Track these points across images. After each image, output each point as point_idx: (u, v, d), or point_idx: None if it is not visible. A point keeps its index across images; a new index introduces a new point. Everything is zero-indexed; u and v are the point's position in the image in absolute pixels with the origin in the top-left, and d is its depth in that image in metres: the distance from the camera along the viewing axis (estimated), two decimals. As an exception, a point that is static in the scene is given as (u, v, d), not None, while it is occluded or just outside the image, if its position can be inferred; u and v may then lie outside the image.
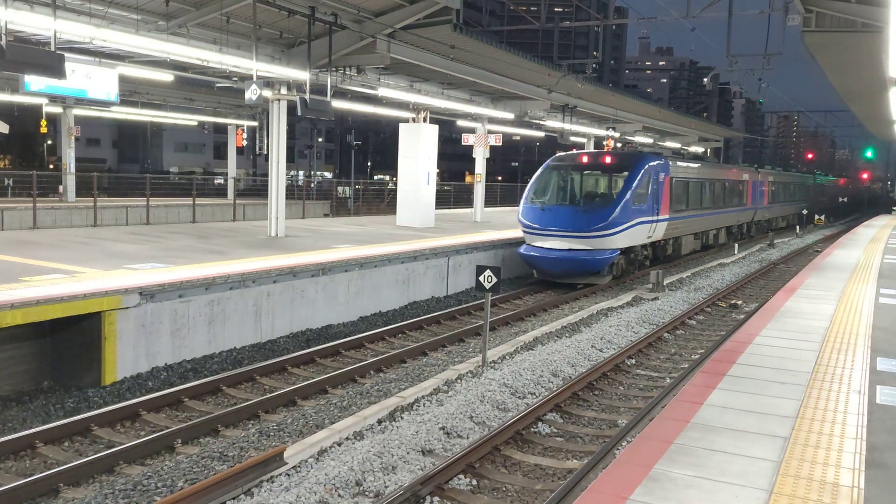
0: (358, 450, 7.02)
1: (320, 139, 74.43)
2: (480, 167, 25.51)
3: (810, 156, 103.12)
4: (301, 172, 62.36)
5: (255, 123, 30.08)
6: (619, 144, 29.59)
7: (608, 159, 19.25)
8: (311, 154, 65.10)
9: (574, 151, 22.21)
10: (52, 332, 9.71)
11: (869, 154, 56.28)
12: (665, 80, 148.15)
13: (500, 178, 72.44)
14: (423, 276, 16.11)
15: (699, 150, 46.39)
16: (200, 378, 10.06)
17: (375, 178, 68.90)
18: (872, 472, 4.71)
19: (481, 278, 10.26)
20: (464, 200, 36.85)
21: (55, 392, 9.40)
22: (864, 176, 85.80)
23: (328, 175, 68.36)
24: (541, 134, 33.22)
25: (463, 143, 25.78)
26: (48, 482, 6.62)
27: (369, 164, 76.03)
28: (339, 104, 20.51)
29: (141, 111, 28.80)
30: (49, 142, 45.67)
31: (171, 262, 12.57)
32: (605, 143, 31.77)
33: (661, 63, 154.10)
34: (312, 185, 41.17)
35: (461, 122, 25.92)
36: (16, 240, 15.10)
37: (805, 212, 43.04)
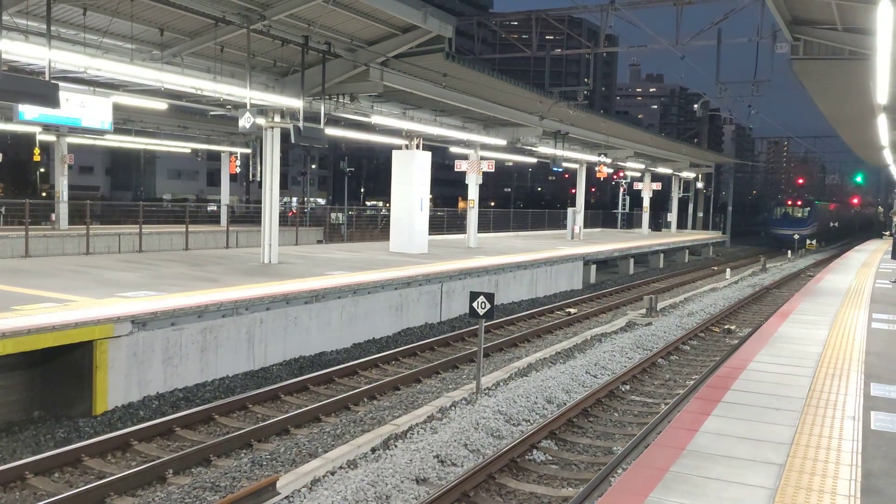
0: (351, 479, 6.96)
1: (314, 166, 74.62)
2: (473, 193, 25.60)
3: (801, 181, 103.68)
4: (294, 199, 62.38)
5: (249, 150, 30.19)
6: (610, 171, 30.34)
7: (800, 202, 56.20)
8: (304, 181, 65.16)
9: (788, 197, 61.76)
10: (43, 362, 9.63)
11: (859, 179, 56.83)
12: (656, 107, 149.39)
13: (492, 203, 72.67)
14: (417, 303, 16.09)
15: (691, 175, 46.72)
16: (192, 407, 9.99)
17: (369, 204, 68.97)
18: (868, 500, 4.69)
19: (475, 304, 10.23)
20: (457, 226, 36.84)
21: (46, 422, 9.30)
22: (855, 201, 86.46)
23: (321, 201, 68.44)
24: (533, 160, 33.42)
25: (456, 169, 25.88)
26: (37, 514, 6.53)
27: (363, 190, 76.18)
28: (332, 131, 20.62)
29: (135, 139, 28.81)
30: (42, 170, 45.64)
31: (163, 289, 12.52)
32: (596, 168, 31.98)
33: (651, 90, 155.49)
34: (306, 210, 41.16)
35: (454, 149, 26.04)
36: (7, 268, 15.03)
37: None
